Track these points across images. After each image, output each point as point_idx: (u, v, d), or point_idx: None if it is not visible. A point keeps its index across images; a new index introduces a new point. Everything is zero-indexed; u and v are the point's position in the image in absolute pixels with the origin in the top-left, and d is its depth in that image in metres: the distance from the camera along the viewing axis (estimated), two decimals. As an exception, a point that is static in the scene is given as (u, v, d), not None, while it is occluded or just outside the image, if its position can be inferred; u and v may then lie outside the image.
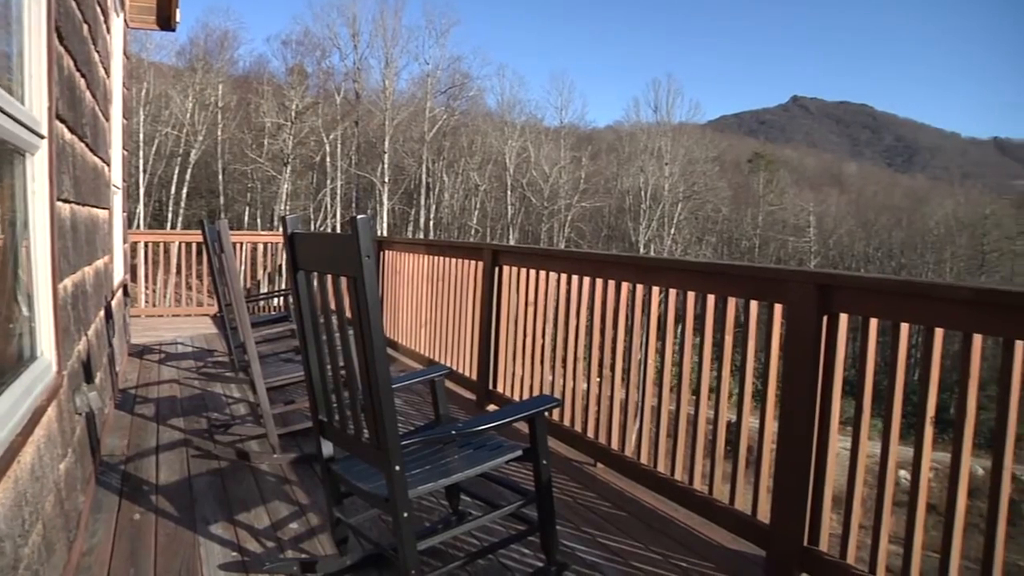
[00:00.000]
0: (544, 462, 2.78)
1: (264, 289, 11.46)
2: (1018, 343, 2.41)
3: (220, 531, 3.37)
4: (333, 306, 2.51)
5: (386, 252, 8.40)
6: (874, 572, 2.83)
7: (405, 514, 2.38)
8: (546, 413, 2.84)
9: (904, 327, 2.78)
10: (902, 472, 2.89)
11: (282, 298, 9.07)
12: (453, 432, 2.65)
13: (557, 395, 4.84)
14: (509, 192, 54.60)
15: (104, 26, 5.23)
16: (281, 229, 2.72)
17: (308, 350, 2.68)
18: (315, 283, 2.59)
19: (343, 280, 2.40)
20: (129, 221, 11.20)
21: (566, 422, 4.76)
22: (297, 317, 2.69)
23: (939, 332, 2.66)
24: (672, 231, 54.02)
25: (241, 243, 11.33)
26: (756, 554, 3.31)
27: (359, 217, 2.20)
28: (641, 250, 51.83)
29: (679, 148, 55.91)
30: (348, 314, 2.37)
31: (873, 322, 2.89)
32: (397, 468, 2.35)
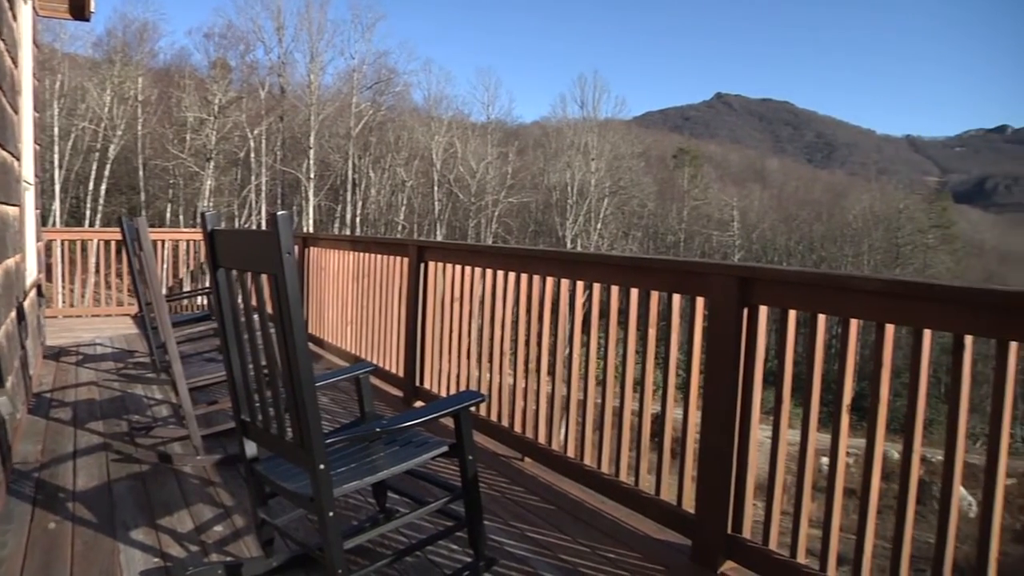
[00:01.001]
0: (470, 457, 2.78)
1: (187, 287, 11.25)
2: (926, 332, 2.50)
3: (141, 537, 3.29)
4: (254, 304, 2.48)
5: (311, 249, 8.31)
6: (795, 556, 2.90)
7: (331, 513, 2.35)
8: (472, 408, 2.83)
9: (821, 318, 2.86)
10: (824, 459, 2.96)
11: (206, 296, 8.91)
12: (378, 429, 2.63)
13: (484, 390, 4.84)
14: (436, 188, 54.39)
15: (9, 13, 5.04)
16: (201, 226, 2.67)
17: (229, 349, 2.64)
18: (236, 281, 2.55)
19: (264, 277, 2.37)
20: (44, 219, 10.86)
21: (493, 417, 4.76)
22: (218, 315, 2.64)
23: (854, 323, 2.74)
24: (599, 226, 54.47)
25: (163, 241, 11.10)
26: (682, 543, 3.35)
27: (279, 214, 2.17)
28: (568, 245, 52.17)
29: (605, 144, 56.38)
30: (270, 312, 2.33)
31: (792, 313, 2.96)
32: (321, 467, 2.32)
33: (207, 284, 10.29)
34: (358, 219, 52.37)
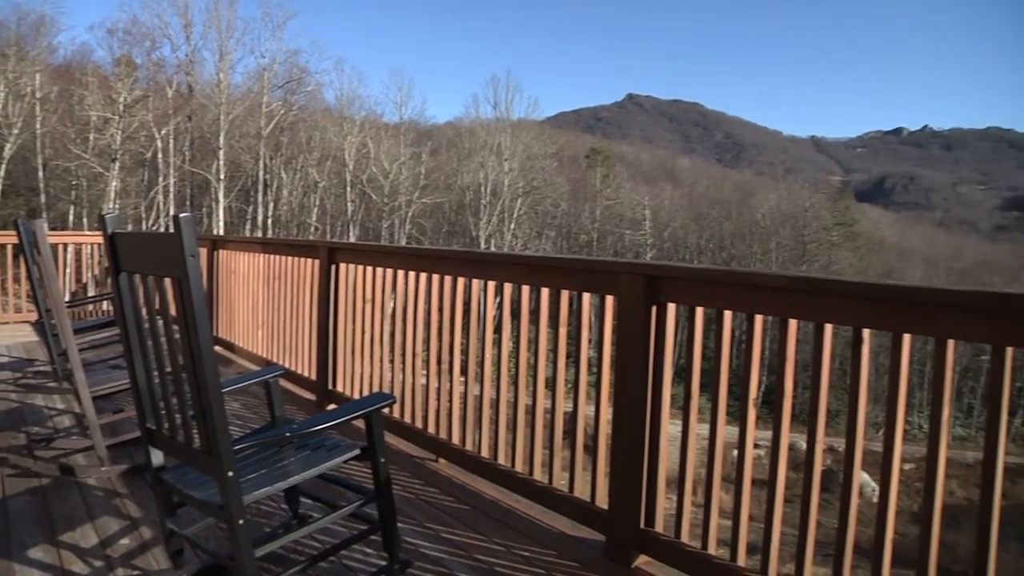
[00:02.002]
0: (382, 460, 2.76)
1: (92, 292, 10.89)
2: (828, 326, 2.59)
3: (40, 555, 3.16)
4: (158, 308, 2.42)
5: (221, 251, 8.14)
6: (706, 547, 2.97)
7: (241, 521, 2.31)
8: (385, 410, 2.82)
9: (728, 314, 2.93)
10: (736, 452, 3.03)
11: (110, 301, 8.64)
12: (287, 434, 2.60)
13: (398, 392, 4.82)
14: (349, 189, 53.80)
15: None
16: (101, 229, 2.59)
17: (133, 355, 2.57)
18: (139, 285, 2.48)
19: (168, 281, 2.31)
20: (-66, 223, 10.38)
21: (407, 418, 4.75)
22: (120, 321, 2.57)
23: (759, 318, 2.81)
24: (512, 226, 54.62)
25: (65, 244, 10.74)
26: (596, 539, 3.39)
27: (182, 216, 2.13)
28: (482, 245, 52.19)
29: (518, 144, 56.52)
30: (175, 316, 2.29)
31: (699, 310, 3.02)
32: (230, 474, 2.28)
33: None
34: (270, 221, 51.43)
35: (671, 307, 3.10)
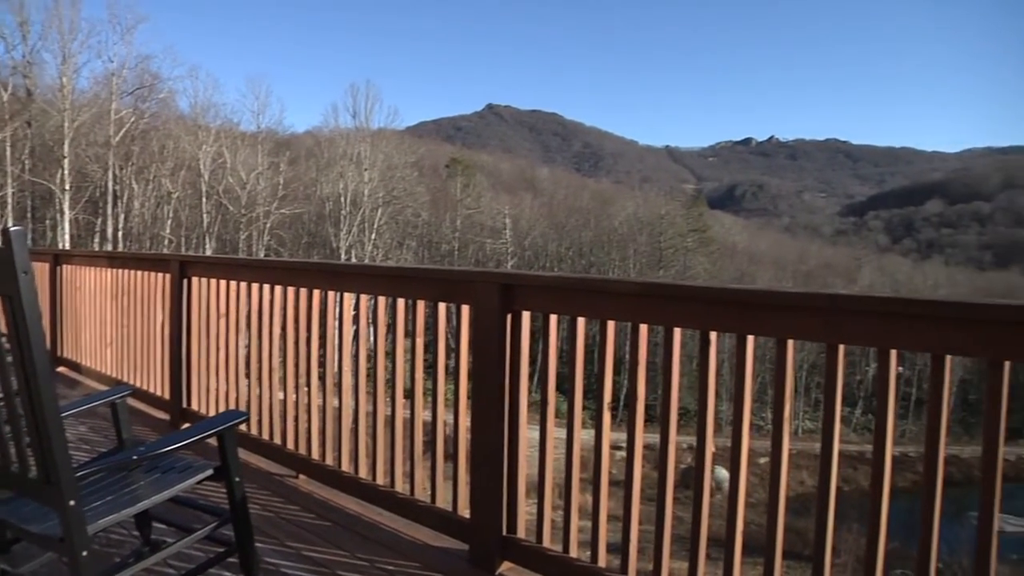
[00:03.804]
0: (237, 479, 2.68)
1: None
2: (676, 329, 2.68)
3: None
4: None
5: (64, 267, 7.73)
6: (568, 550, 3.02)
7: (84, 553, 2.19)
8: (242, 427, 2.75)
9: (581, 321, 2.98)
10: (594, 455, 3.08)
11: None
12: (135, 457, 2.49)
13: (255, 408, 4.70)
14: (204, 200, 52.14)
15: None
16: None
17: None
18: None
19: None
20: None
21: (265, 435, 4.63)
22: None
23: (611, 324, 2.89)
24: (373, 236, 54.12)
25: None
26: (460, 548, 3.39)
27: (12, 229, 2.01)
28: (343, 256, 51.54)
29: (378, 153, 56.08)
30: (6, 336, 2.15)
31: (553, 317, 3.07)
32: (72, 503, 2.16)
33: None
34: (120, 233, 49.27)
35: (525, 315, 3.14)
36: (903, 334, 2.28)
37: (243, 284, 4.85)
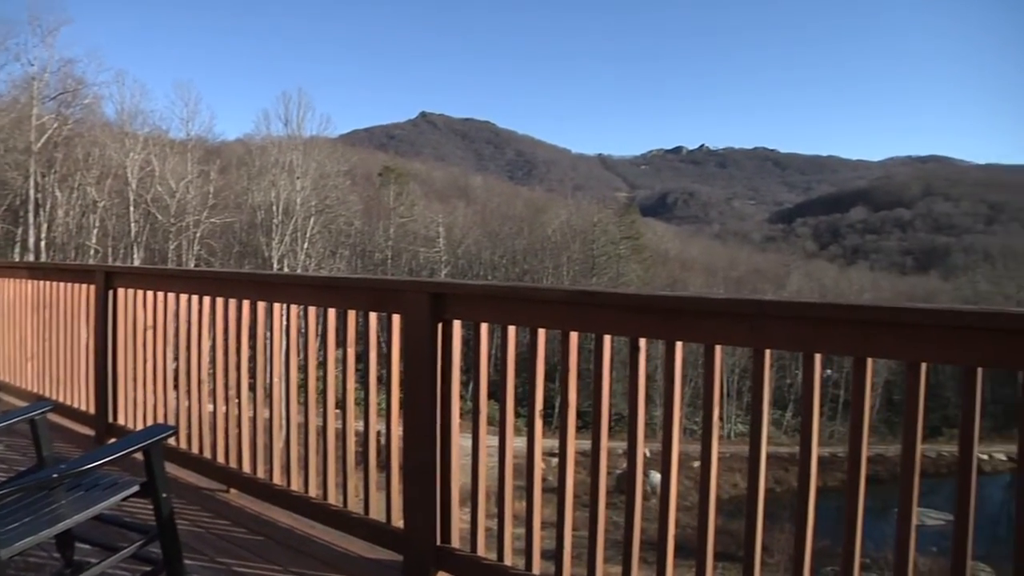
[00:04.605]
0: (164, 495, 2.63)
1: None
2: (607, 337, 2.71)
3: None
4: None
5: (-20, 279, 7.50)
6: (502, 558, 3.02)
7: None
8: (169, 441, 2.69)
9: (512, 329, 3.00)
10: (541, 464, 3.10)
11: None
12: (55, 475, 2.42)
13: (184, 421, 4.62)
14: (132, 209, 50.96)
15: None
16: None
17: None
18: None
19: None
20: None
21: (195, 449, 4.55)
22: None
23: (542, 332, 2.90)
24: (306, 245, 53.48)
25: None
26: (394, 560, 3.38)
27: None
28: (275, 266, 50.86)
29: (311, 162, 55.47)
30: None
31: (484, 326, 3.08)
32: (-13, 524, 2.10)
33: None
34: (43, 243, 47.90)
35: (456, 324, 3.15)
36: (827, 338, 2.35)
37: (172, 295, 4.76)
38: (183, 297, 4.63)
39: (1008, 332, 2.07)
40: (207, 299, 4.43)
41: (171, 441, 4.37)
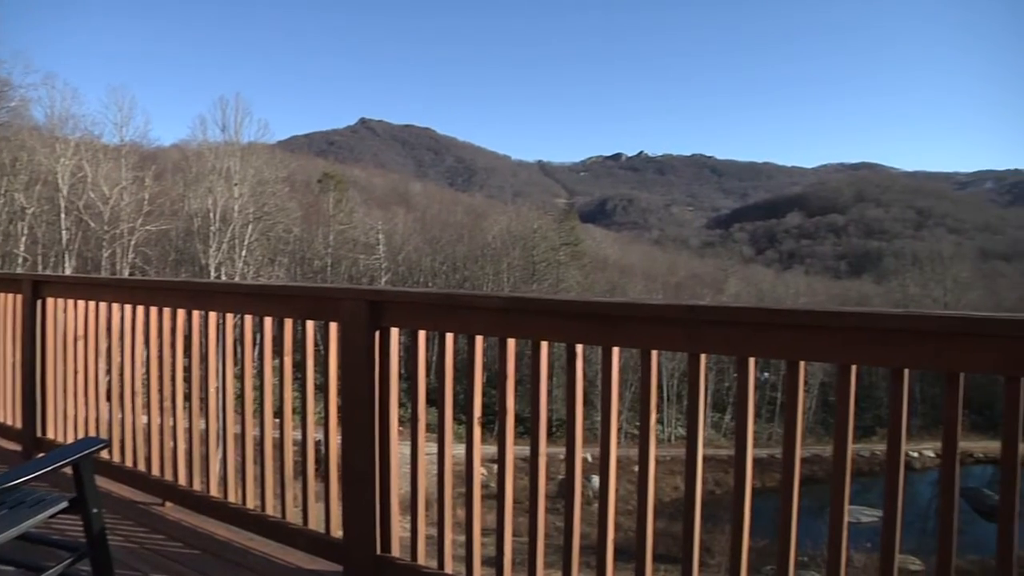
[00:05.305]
0: (95, 510, 2.56)
1: None
2: (543, 343, 2.73)
3: None
4: None
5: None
6: (443, 566, 3.02)
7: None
8: (101, 454, 2.63)
9: (449, 336, 3.00)
10: (483, 471, 3.11)
11: None
12: (-23, 493, 2.35)
13: (117, 434, 4.51)
14: (63, 216, 49.77)
15: None
16: None
17: None
18: None
19: None
20: None
21: (128, 462, 4.45)
22: None
23: (479, 339, 2.91)
24: (244, 253, 52.74)
25: None
26: (334, 570, 3.35)
27: None
28: (212, 274, 50.07)
29: (248, 168, 54.72)
30: None
31: (422, 333, 3.08)
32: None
33: None
34: (-33, 252, 46.59)
35: (394, 331, 3.14)
36: (761, 342, 2.40)
37: (104, 304, 4.65)
38: (116, 306, 4.53)
39: (932, 334, 2.14)
40: (141, 308, 4.34)
41: (104, 454, 4.29)
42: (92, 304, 4.73)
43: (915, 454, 39.05)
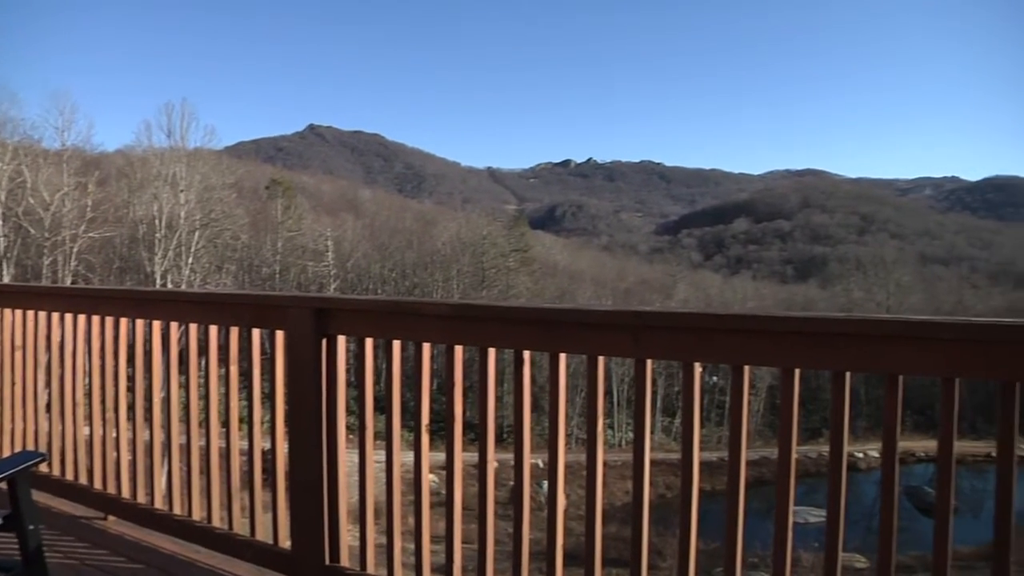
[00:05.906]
0: (31, 526, 2.49)
1: None
2: (491, 350, 2.73)
3: None
4: None
5: None
6: (392, 574, 3.00)
7: None
8: (40, 468, 2.57)
9: (396, 344, 2.99)
10: (433, 478, 3.09)
11: None
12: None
13: (57, 446, 4.40)
14: (2, 222, 48.74)
15: None
16: None
17: None
18: None
19: None
20: None
21: (69, 475, 4.34)
22: None
23: (427, 346, 2.91)
24: (190, 260, 52.04)
25: None
26: (282, 582, 3.31)
27: None
28: (158, 282, 49.31)
29: (195, 174, 54.01)
30: None
31: (369, 341, 3.06)
32: None
33: None
34: (-100, 261, 45.34)
35: (341, 339, 3.12)
36: (706, 347, 2.43)
37: (43, 313, 4.54)
38: (55, 316, 4.42)
39: (873, 338, 2.19)
40: (82, 317, 4.24)
41: (43, 468, 4.19)
42: (31, 313, 4.61)
43: (860, 454, 39.70)
